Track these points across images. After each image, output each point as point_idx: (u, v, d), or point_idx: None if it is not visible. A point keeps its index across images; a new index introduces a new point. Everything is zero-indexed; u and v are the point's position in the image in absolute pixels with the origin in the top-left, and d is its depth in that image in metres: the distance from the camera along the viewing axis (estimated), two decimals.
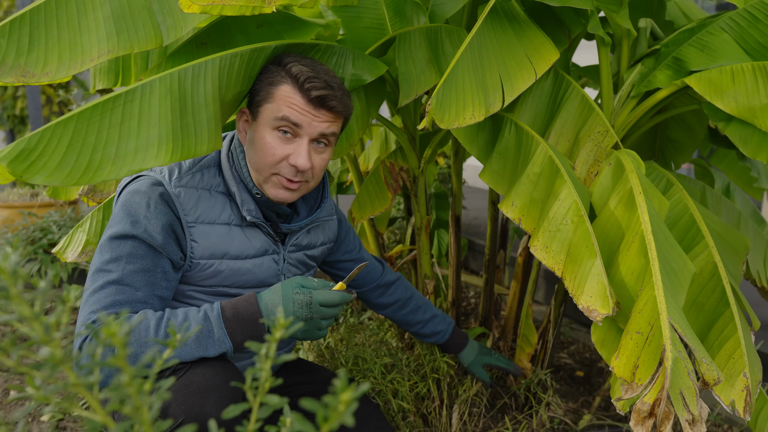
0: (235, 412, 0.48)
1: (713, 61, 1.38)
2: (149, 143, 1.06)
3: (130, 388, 0.40)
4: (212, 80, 1.15)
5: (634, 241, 1.11)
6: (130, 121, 1.06)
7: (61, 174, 0.99)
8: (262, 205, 1.23)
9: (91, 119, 1.02)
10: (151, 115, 1.08)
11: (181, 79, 1.11)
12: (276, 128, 1.15)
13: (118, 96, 1.05)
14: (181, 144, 1.09)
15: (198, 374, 1.00)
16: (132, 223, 1.09)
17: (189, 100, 1.12)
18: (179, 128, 1.10)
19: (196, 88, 1.13)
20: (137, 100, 1.07)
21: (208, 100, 1.14)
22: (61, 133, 1.00)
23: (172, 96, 1.10)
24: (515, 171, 1.40)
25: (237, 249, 1.21)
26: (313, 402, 0.41)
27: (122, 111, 1.06)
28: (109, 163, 1.02)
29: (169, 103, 1.09)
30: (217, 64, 1.15)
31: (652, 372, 0.94)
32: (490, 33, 1.36)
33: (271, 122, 1.15)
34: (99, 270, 1.07)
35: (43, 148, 0.98)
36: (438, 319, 1.67)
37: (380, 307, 1.63)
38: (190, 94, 1.12)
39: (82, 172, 1.01)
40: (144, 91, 1.08)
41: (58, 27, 1.15)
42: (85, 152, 1.01)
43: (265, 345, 0.51)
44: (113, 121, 1.04)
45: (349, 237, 1.54)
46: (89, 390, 0.47)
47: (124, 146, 1.04)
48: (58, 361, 0.45)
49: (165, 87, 1.10)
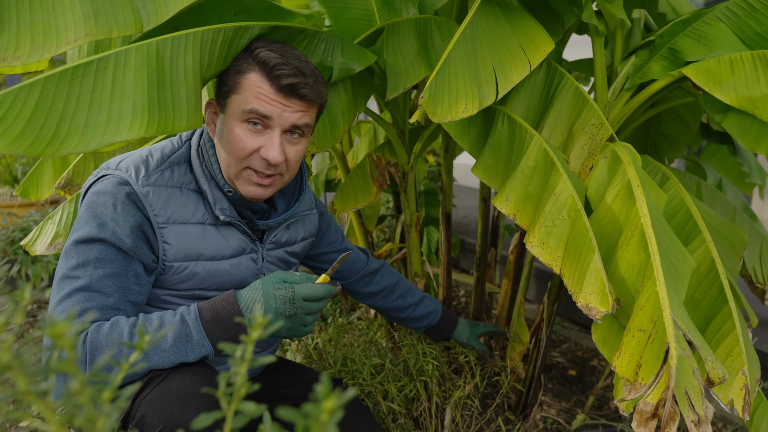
0: (206, 421, 0.43)
1: (710, 51, 1.34)
2: (122, 114, 0.99)
3: (81, 396, 0.35)
4: (192, 54, 1.08)
5: (634, 236, 1.07)
6: (102, 90, 0.98)
7: (23, 142, 0.90)
8: (236, 202, 1.16)
9: (59, 85, 0.94)
10: (125, 84, 1.00)
11: (159, 50, 1.04)
12: (245, 120, 1.08)
13: (90, 63, 0.97)
14: (158, 117, 1.02)
15: (177, 381, 0.94)
16: (98, 226, 1.02)
17: (167, 73, 1.05)
18: (156, 101, 1.02)
19: (175, 61, 1.06)
20: (111, 68, 0.99)
21: (188, 75, 1.07)
22: (25, 97, 0.91)
23: (149, 66, 1.02)
24: (509, 165, 1.36)
25: (213, 249, 1.14)
26: (291, 411, 0.36)
27: (93, 79, 0.97)
28: (77, 135, 0.94)
29: (145, 73, 1.02)
30: (199, 37, 1.08)
31: (655, 371, 0.90)
32: (482, 23, 1.31)
33: (239, 114, 1.07)
34: (65, 277, 1.00)
35: (4, 112, 0.89)
36: (427, 300, 1.65)
37: (369, 297, 1.58)
38: (168, 66, 1.05)
39: (47, 143, 0.92)
40: (118, 59, 1.00)
41: (30, 8, 1.08)
42: (51, 121, 0.93)
43: (241, 346, 0.46)
44: (83, 89, 0.96)
45: (331, 228, 1.49)
46: (41, 398, 0.42)
47: (94, 117, 0.96)
48: (5, 366, 0.40)
49: (141, 56, 1.02)
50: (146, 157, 1.12)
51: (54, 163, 2.00)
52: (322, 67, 1.38)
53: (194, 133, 1.20)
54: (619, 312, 1.08)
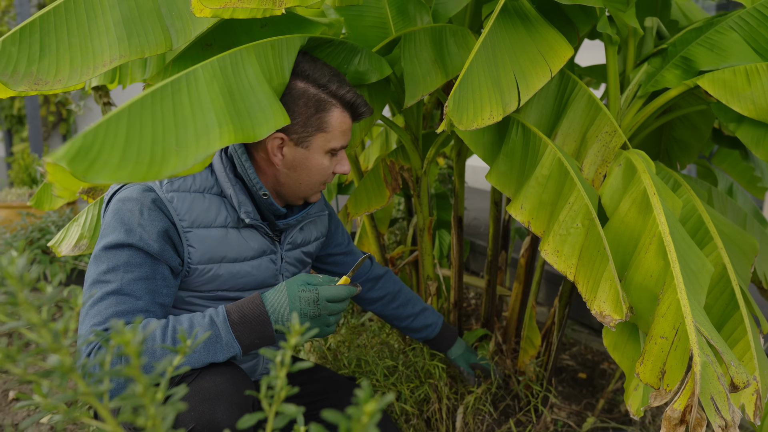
0: (250, 422, 0.46)
1: (723, 60, 1.36)
2: (208, 127, 1.01)
3: (145, 398, 0.38)
4: (252, 66, 1.11)
5: (652, 243, 1.09)
6: (183, 109, 1.00)
7: (125, 170, 0.90)
8: (262, 206, 1.21)
9: (143, 112, 0.96)
10: (202, 100, 1.02)
11: (222, 66, 1.07)
12: (329, 152, 1.20)
13: (165, 86, 1.00)
14: (241, 126, 1.03)
15: (208, 381, 0.98)
16: (126, 232, 1.06)
17: (235, 85, 1.08)
18: (234, 110, 1.05)
19: (237, 74, 1.09)
20: (184, 88, 1.02)
21: (254, 84, 1.10)
22: (115, 128, 0.92)
23: (218, 81, 1.05)
24: (522, 173, 1.38)
25: (235, 252, 1.19)
26: (335, 413, 0.39)
27: (172, 100, 1.00)
28: (172, 154, 0.95)
29: (217, 87, 1.04)
30: (252, 51, 1.12)
31: (680, 378, 0.92)
32: (502, 32, 1.34)
33: (326, 148, 1.19)
34: (96, 281, 1.04)
35: (101, 144, 0.89)
36: (428, 312, 1.66)
37: (370, 302, 1.61)
38: (233, 79, 1.08)
39: (147, 166, 0.92)
40: (189, 79, 1.03)
41: (68, 33, 1.12)
42: (145, 145, 0.93)
43: (280, 352, 0.49)
44: (165, 110, 0.98)
45: (339, 230, 1.53)
46: (99, 399, 0.45)
47: (183, 134, 0.98)
48: (68, 369, 0.43)
49: (209, 73, 1.05)
50: None
51: None
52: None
53: None
54: (638, 318, 1.10)
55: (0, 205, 3.81)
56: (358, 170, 2.28)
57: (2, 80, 1.06)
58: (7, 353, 0.46)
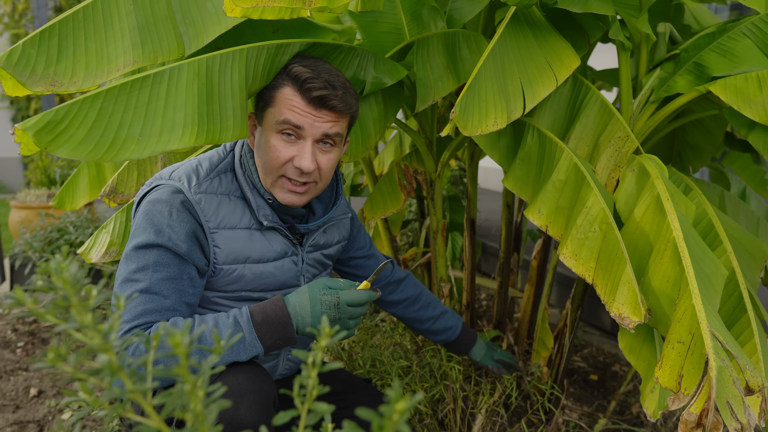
0: (284, 418, 0.49)
1: (736, 66, 1.38)
2: (174, 125, 1.07)
3: (192, 396, 0.41)
4: (239, 70, 1.15)
5: (667, 249, 1.11)
6: (157, 102, 1.07)
7: (85, 149, 0.99)
8: (277, 209, 1.24)
9: (119, 97, 1.03)
10: (177, 97, 1.09)
11: (209, 65, 1.13)
12: (279, 131, 1.15)
13: (147, 77, 1.06)
14: (207, 129, 1.10)
15: (231, 379, 1.01)
16: (156, 232, 1.10)
17: (216, 87, 1.13)
18: (205, 113, 1.11)
19: (223, 75, 1.14)
20: (165, 83, 1.08)
21: (235, 89, 1.15)
22: (88, 108, 1.00)
23: (199, 81, 1.11)
24: (539, 177, 1.41)
25: (259, 253, 1.22)
26: (369, 411, 0.42)
27: (149, 92, 1.06)
28: (133, 142, 1.03)
29: (196, 87, 1.10)
30: (245, 54, 1.16)
31: (697, 382, 0.95)
32: (511, 40, 1.36)
33: (274, 126, 1.15)
34: (126, 280, 1.08)
35: (69, 121, 0.98)
36: (448, 315, 1.66)
37: (391, 305, 1.63)
38: (217, 81, 1.13)
39: (106, 149, 1.01)
40: (172, 74, 1.09)
41: (85, 37, 1.17)
42: (110, 129, 1.02)
43: (312, 354, 0.52)
44: (140, 101, 1.05)
45: (361, 234, 1.55)
46: (144, 396, 0.49)
47: (149, 126, 1.05)
48: (117, 368, 0.46)
49: (193, 72, 1.11)
50: (196, 167, 1.19)
51: (89, 173, 2.10)
52: (355, 80, 1.45)
53: (236, 143, 1.27)
54: (657, 322, 1.12)
55: (20, 205, 3.88)
56: (373, 174, 2.31)
57: (21, 80, 1.11)
58: (58, 353, 0.49)
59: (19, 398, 2.14)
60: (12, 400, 2.12)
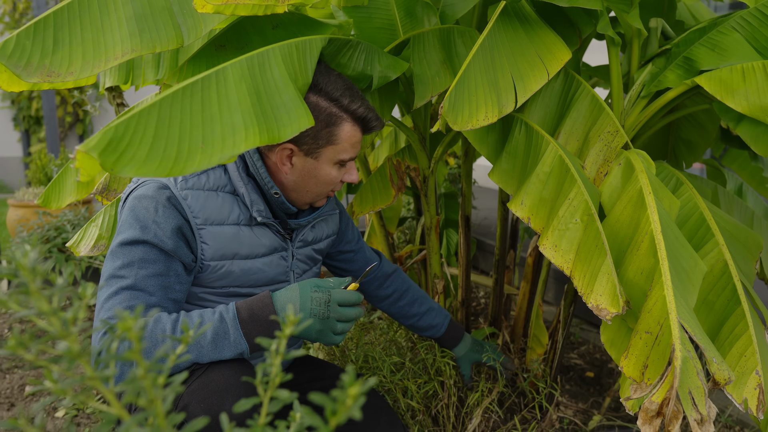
0: (245, 406, 0.49)
1: (724, 60, 1.37)
2: (235, 128, 1.01)
3: (145, 381, 0.41)
4: (278, 66, 1.13)
5: (644, 241, 1.11)
6: (211, 107, 1.01)
7: (151, 165, 0.91)
8: (274, 204, 1.24)
9: (172, 107, 0.97)
10: (230, 99, 1.03)
11: (250, 65, 1.09)
12: (338, 163, 1.22)
13: (195, 83, 1.01)
14: (267, 127, 1.04)
15: (217, 373, 1.01)
16: (141, 228, 1.09)
17: (262, 86, 1.09)
18: (261, 112, 1.05)
19: (264, 74, 1.10)
20: (213, 86, 1.03)
21: (280, 85, 1.11)
22: (145, 121, 0.93)
23: (246, 81, 1.07)
24: (525, 170, 1.40)
25: (247, 249, 1.22)
26: (321, 396, 0.42)
27: (201, 97, 1.00)
28: (197, 152, 0.95)
29: (245, 87, 1.06)
30: (278, 52, 1.14)
31: (661, 371, 0.94)
32: (501, 34, 1.36)
33: (334, 160, 1.21)
34: (112, 276, 1.08)
35: (129, 138, 0.90)
36: (434, 313, 1.66)
37: (377, 299, 1.63)
38: (261, 80, 1.10)
39: (173, 162, 0.93)
40: (218, 77, 1.04)
41: (81, 27, 1.16)
42: (172, 141, 0.94)
43: (276, 341, 0.52)
44: (194, 107, 0.99)
45: (349, 228, 1.56)
46: (105, 383, 0.48)
47: (209, 133, 0.98)
48: (76, 355, 0.46)
49: (237, 73, 1.06)
50: None
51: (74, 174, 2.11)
52: (364, 76, 1.43)
53: None
54: (628, 314, 1.11)
55: (17, 204, 3.90)
56: (367, 170, 2.31)
57: (16, 72, 1.09)
58: (19, 340, 0.49)
59: (14, 396, 2.14)
60: (7, 398, 2.13)
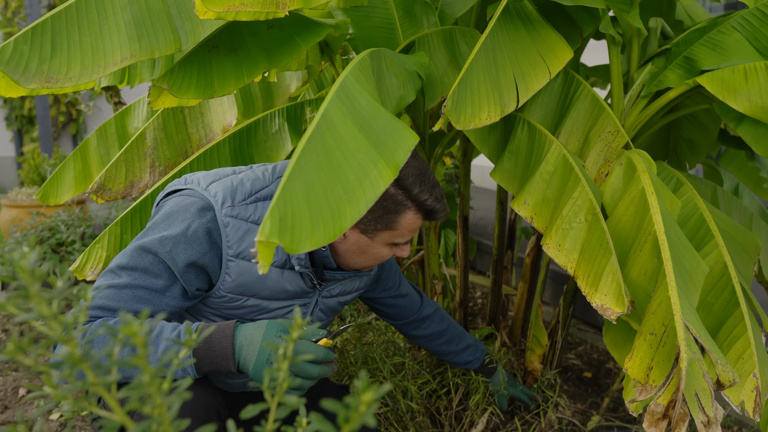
0: (253, 412, 0.48)
1: (725, 60, 1.37)
2: (364, 168, 0.92)
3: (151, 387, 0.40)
4: (360, 93, 1.06)
5: (647, 242, 1.10)
6: (334, 155, 0.92)
7: (317, 232, 0.82)
8: (316, 254, 1.18)
9: (308, 167, 0.87)
10: (345, 140, 0.94)
11: (341, 99, 1.00)
12: (392, 244, 1.18)
13: (310, 138, 0.90)
14: (385, 156, 0.95)
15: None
16: (161, 240, 1.04)
17: (360, 118, 1.01)
18: (372, 144, 0.97)
19: (354, 104, 1.03)
20: (326, 132, 0.93)
21: (370, 111, 1.04)
22: (295, 191, 0.84)
23: (350, 116, 0.99)
24: (527, 170, 1.40)
25: (269, 291, 1.16)
26: (334, 402, 0.41)
27: (324, 148, 0.91)
28: (345, 204, 0.88)
29: (351, 122, 0.98)
30: (350, 77, 1.07)
31: (666, 373, 0.93)
32: (503, 33, 1.35)
33: (389, 242, 1.17)
34: (111, 270, 1.05)
35: (291, 211, 0.81)
36: (470, 350, 1.67)
37: (414, 338, 1.63)
38: (356, 111, 1.01)
39: (331, 224, 0.84)
40: (327, 121, 0.94)
41: (79, 32, 1.13)
42: (319, 203, 0.86)
43: (283, 345, 0.51)
44: (322, 162, 0.89)
45: (391, 274, 1.50)
46: (107, 389, 0.47)
47: (345, 181, 0.90)
48: (77, 360, 0.45)
49: (339, 110, 0.97)
50: (237, 187, 1.12)
51: (75, 168, 2.08)
52: (411, 74, 1.39)
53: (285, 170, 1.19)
54: (632, 316, 1.11)
55: (10, 204, 3.86)
56: None
57: (14, 78, 1.07)
58: (18, 345, 0.47)
59: (8, 398, 2.12)
60: (1, 400, 2.10)
